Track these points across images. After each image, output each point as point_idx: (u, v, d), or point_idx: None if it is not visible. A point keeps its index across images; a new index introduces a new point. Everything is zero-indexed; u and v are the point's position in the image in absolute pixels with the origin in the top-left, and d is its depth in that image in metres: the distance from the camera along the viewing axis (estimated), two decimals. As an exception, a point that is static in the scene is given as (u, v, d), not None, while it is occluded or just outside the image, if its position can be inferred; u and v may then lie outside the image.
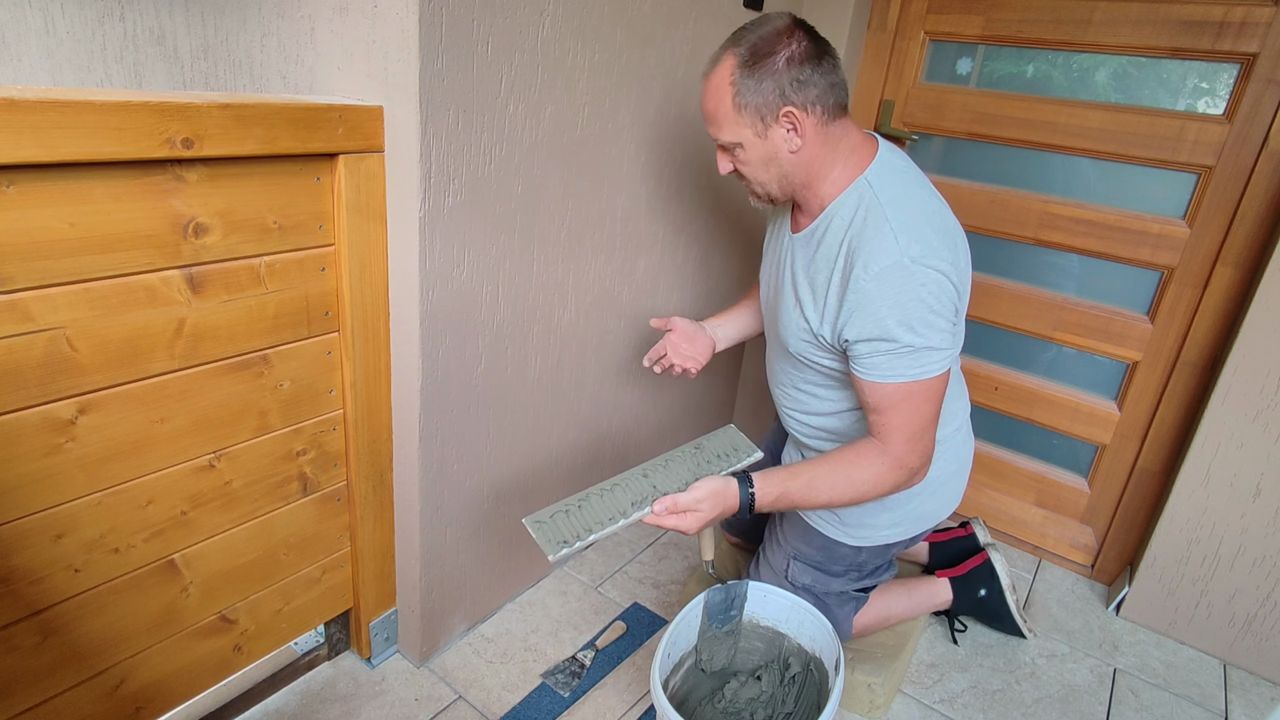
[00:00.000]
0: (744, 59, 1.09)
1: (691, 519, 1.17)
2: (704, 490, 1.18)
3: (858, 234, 1.12)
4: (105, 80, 1.54)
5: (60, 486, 0.99)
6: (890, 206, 1.11)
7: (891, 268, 1.08)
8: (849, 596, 1.49)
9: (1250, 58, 1.62)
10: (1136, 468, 1.93)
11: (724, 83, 1.11)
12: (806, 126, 1.11)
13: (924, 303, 1.08)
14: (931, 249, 1.09)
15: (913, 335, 1.09)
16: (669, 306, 1.90)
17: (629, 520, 1.18)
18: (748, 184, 1.22)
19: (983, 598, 1.69)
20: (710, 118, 1.15)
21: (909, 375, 1.12)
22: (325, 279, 1.21)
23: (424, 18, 1.08)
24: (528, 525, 1.18)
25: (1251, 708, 1.67)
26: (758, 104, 1.10)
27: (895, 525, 1.39)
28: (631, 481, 1.24)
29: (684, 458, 1.31)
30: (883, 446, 1.17)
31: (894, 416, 1.15)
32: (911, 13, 2.01)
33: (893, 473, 1.17)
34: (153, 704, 1.21)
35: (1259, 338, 1.59)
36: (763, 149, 1.14)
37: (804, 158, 1.14)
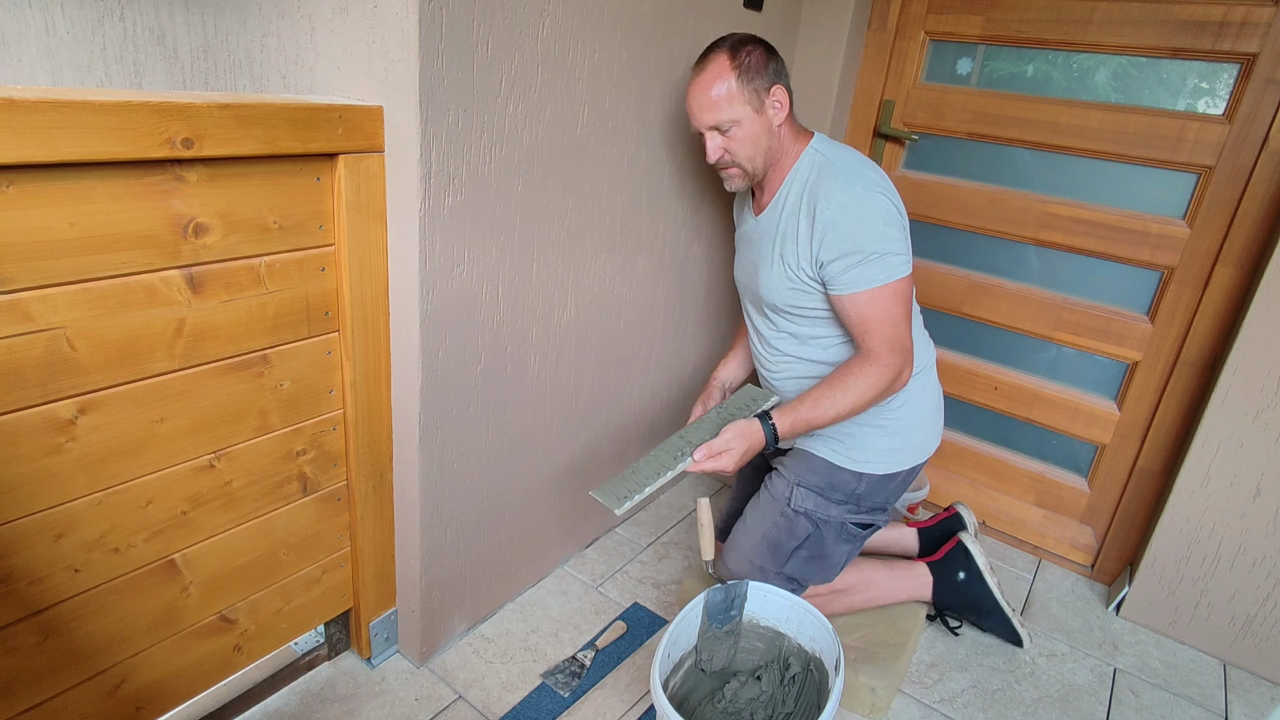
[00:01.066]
0: (735, 51, 1.33)
1: (727, 458, 1.34)
2: (732, 432, 1.35)
3: (815, 184, 1.37)
4: (105, 80, 1.54)
5: (60, 486, 0.99)
6: (836, 161, 1.38)
7: (848, 198, 1.32)
8: (846, 533, 1.52)
9: (1250, 58, 1.62)
10: (1136, 468, 1.93)
11: (724, 69, 1.33)
12: (787, 103, 1.38)
13: (879, 217, 1.32)
14: (873, 183, 1.34)
15: (875, 243, 1.31)
16: (669, 305, 1.90)
17: (675, 471, 1.34)
18: (735, 167, 1.41)
19: (963, 580, 1.70)
20: (710, 103, 1.34)
21: (878, 280, 1.32)
22: (325, 279, 1.21)
23: (424, 18, 1.08)
24: (593, 494, 1.36)
25: (1251, 708, 1.67)
26: (755, 85, 1.34)
27: (894, 452, 1.50)
28: (671, 443, 1.41)
29: (711, 416, 1.46)
30: (869, 354, 1.36)
31: (872, 322, 1.35)
32: (911, 13, 2.01)
33: (883, 373, 1.35)
34: (153, 704, 1.21)
35: (1259, 338, 1.59)
36: (758, 123, 1.36)
37: (781, 134, 1.39)
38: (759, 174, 1.42)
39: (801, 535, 1.49)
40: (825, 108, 2.06)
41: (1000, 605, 1.70)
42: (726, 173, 1.43)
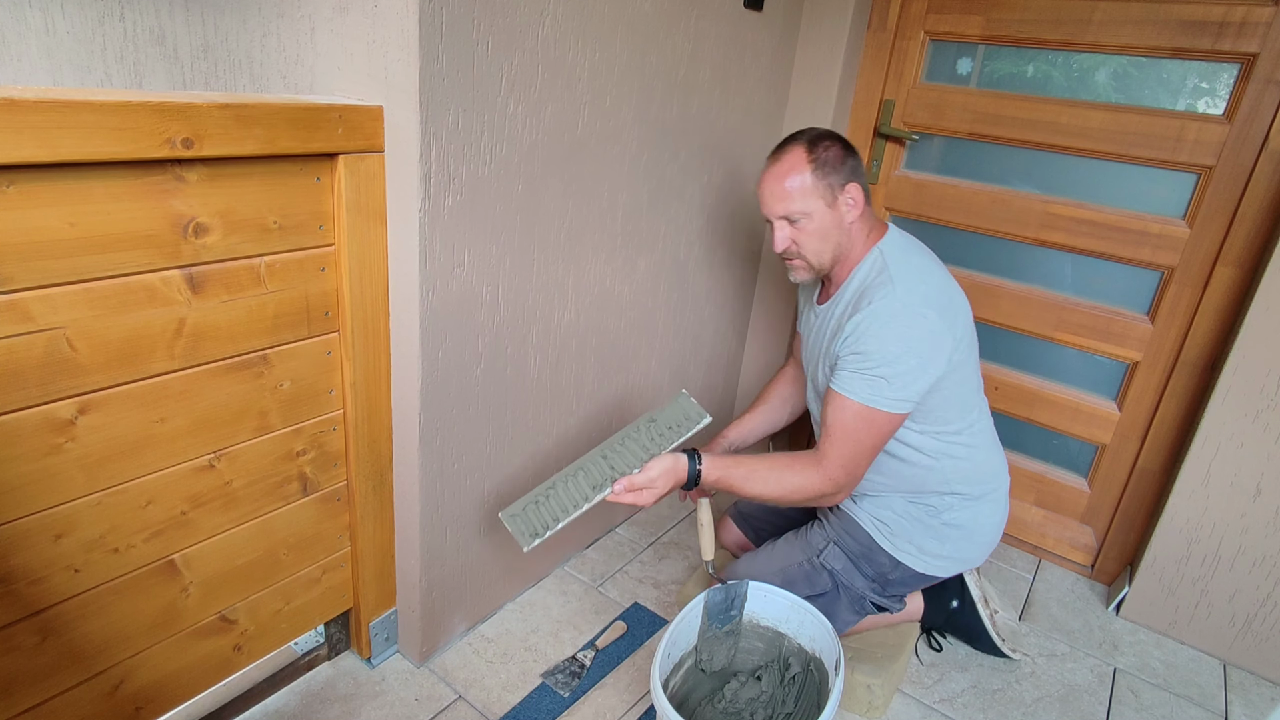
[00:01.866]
0: (812, 145, 1.33)
1: (648, 495, 1.30)
2: (657, 469, 1.30)
3: (867, 287, 1.33)
4: (105, 80, 1.54)
5: (60, 486, 0.99)
6: (894, 266, 1.33)
7: (882, 307, 1.28)
8: (860, 605, 1.51)
9: (1250, 58, 1.62)
10: (1136, 468, 1.93)
11: (801, 161, 1.32)
12: (861, 202, 1.35)
13: (902, 339, 1.27)
14: (922, 299, 1.29)
15: (880, 362, 1.26)
16: (669, 306, 1.90)
17: (592, 503, 1.27)
18: (800, 259, 1.38)
19: (955, 609, 1.69)
20: (783, 193, 1.33)
21: (862, 397, 1.28)
22: (325, 279, 1.21)
23: (424, 18, 1.08)
24: (503, 519, 1.29)
25: (1251, 708, 1.67)
26: (830, 180, 1.32)
27: (939, 559, 1.49)
28: (592, 465, 1.33)
29: (638, 434, 1.38)
30: (819, 459, 1.32)
31: (837, 431, 1.31)
32: (911, 13, 2.01)
33: (821, 483, 1.32)
34: (153, 704, 1.21)
35: (1259, 338, 1.59)
36: (829, 218, 1.34)
37: (852, 231, 1.37)
38: (825, 269, 1.39)
39: (819, 589, 1.48)
40: (825, 108, 2.06)
41: (991, 637, 1.68)
42: (792, 264, 1.41)
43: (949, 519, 1.46)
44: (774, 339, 2.34)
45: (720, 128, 1.84)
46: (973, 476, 1.45)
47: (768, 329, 2.34)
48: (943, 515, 1.46)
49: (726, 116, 1.85)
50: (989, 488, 1.48)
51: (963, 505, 1.46)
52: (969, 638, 1.71)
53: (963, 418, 1.41)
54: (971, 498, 1.46)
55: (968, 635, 1.71)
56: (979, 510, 1.48)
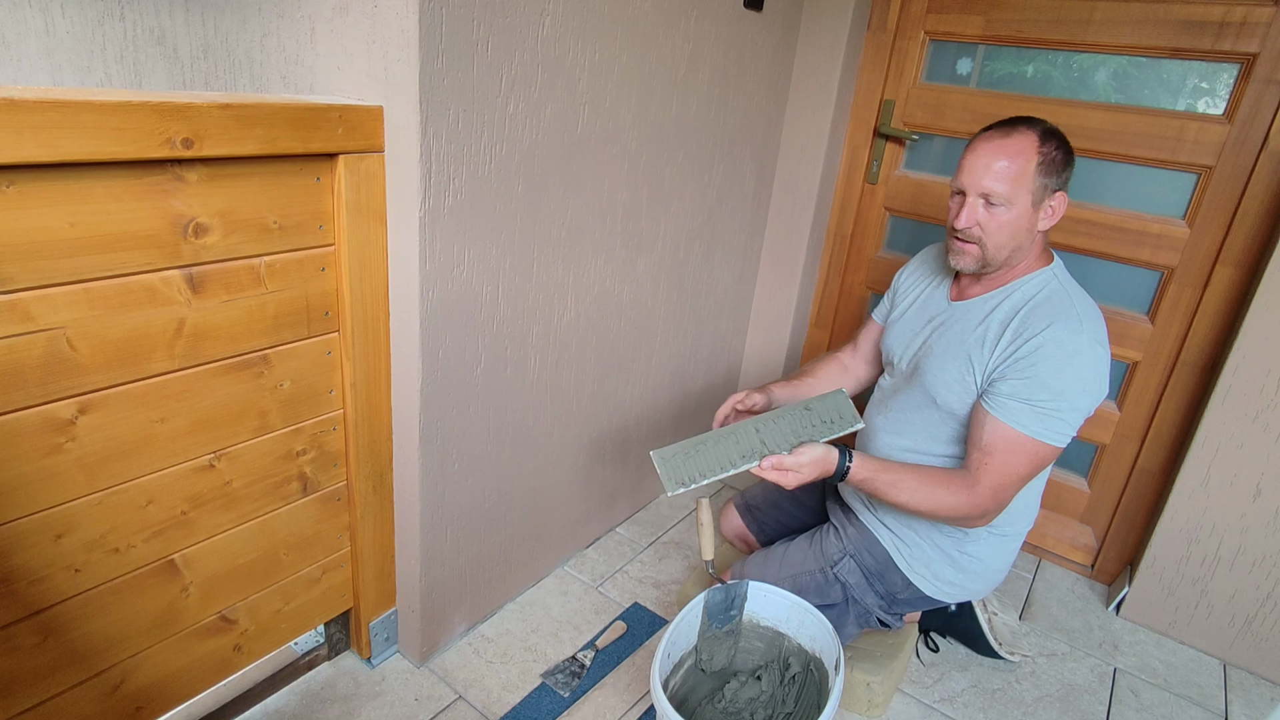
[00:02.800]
0: (1045, 137, 1.24)
1: (792, 478, 1.28)
2: (808, 456, 1.28)
3: (1039, 307, 1.27)
4: (105, 80, 1.54)
5: (60, 486, 0.99)
6: (1075, 297, 1.29)
7: (1066, 336, 1.22)
8: (866, 620, 1.51)
9: (1250, 58, 1.62)
10: (1136, 468, 1.93)
11: (1031, 147, 1.24)
12: (1060, 214, 1.29)
13: (1081, 377, 1.22)
14: (1100, 338, 1.25)
15: (1057, 397, 1.22)
16: (669, 306, 1.90)
17: (738, 470, 1.30)
18: (977, 245, 1.29)
19: (954, 613, 1.69)
20: (998, 171, 1.24)
21: (1031, 430, 1.24)
22: (325, 279, 1.21)
23: (424, 18, 1.08)
24: (654, 458, 1.30)
25: (1251, 708, 1.67)
26: (1047, 180, 1.25)
27: (951, 586, 1.47)
28: (744, 434, 1.33)
29: (793, 417, 1.37)
30: (972, 483, 1.27)
31: (995, 460, 1.26)
32: (911, 13, 2.01)
33: (968, 508, 1.28)
34: (153, 704, 1.21)
35: (1259, 338, 1.59)
36: (1026, 217, 1.26)
37: (1037, 240, 1.31)
38: (993, 266, 1.31)
39: (829, 600, 1.47)
40: (825, 108, 2.06)
41: (989, 641, 1.68)
42: (964, 247, 1.30)
43: (971, 549, 1.44)
44: (773, 339, 2.34)
45: (720, 128, 1.84)
46: (1016, 513, 1.43)
47: (767, 329, 2.34)
48: (967, 545, 1.44)
49: (726, 117, 1.85)
50: (1020, 528, 1.46)
51: (989, 539, 1.44)
52: (967, 641, 1.71)
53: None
54: (1002, 534, 1.44)
55: (966, 638, 1.71)
56: (1002, 546, 1.46)
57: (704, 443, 1.32)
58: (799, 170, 2.15)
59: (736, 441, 1.32)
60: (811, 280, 2.32)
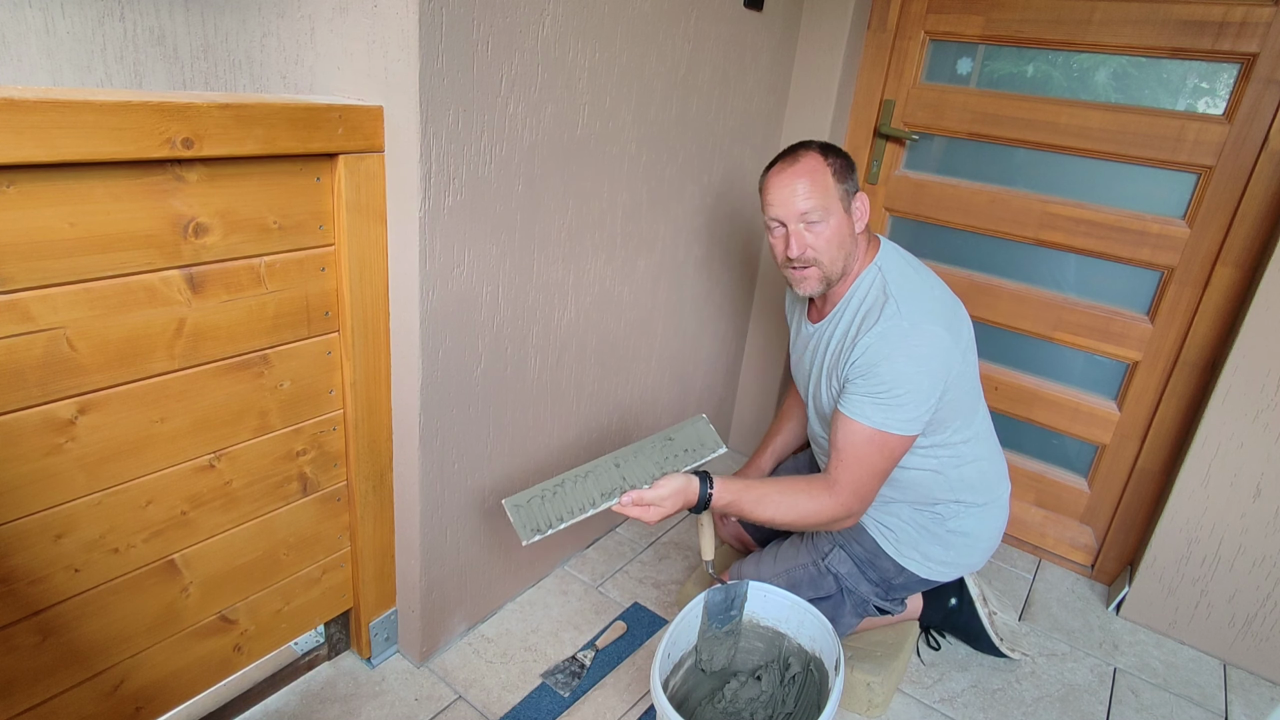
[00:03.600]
0: (825, 151, 1.31)
1: (654, 512, 1.28)
2: (667, 489, 1.28)
3: (870, 308, 1.32)
4: (105, 80, 1.54)
5: (60, 486, 0.99)
6: (894, 284, 1.32)
7: (891, 327, 1.26)
8: (863, 609, 1.52)
9: (1250, 58, 1.62)
10: (1136, 468, 1.93)
11: (819, 163, 1.30)
12: (867, 212, 1.35)
13: (913, 358, 1.25)
14: (928, 315, 1.28)
15: (890, 383, 1.26)
16: (669, 306, 1.90)
17: (597, 510, 1.27)
18: (815, 266, 1.33)
19: (953, 608, 1.69)
20: (805, 191, 1.29)
21: (874, 421, 1.27)
22: (325, 279, 1.21)
23: (424, 18, 1.08)
24: (506, 507, 1.27)
25: (1251, 708, 1.67)
26: (846, 186, 1.32)
27: (943, 564, 1.49)
28: (603, 471, 1.32)
29: (654, 449, 1.37)
30: (831, 485, 1.31)
31: (849, 456, 1.30)
32: (911, 13, 2.01)
33: (833, 510, 1.30)
34: (153, 704, 1.21)
35: (1259, 338, 1.59)
36: (845, 224, 1.32)
37: (856, 240, 1.35)
38: (835, 278, 1.35)
39: (824, 592, 1.49)
40: (825, 108, 2.06)
41: (990, 636, 1.68)
42: (804, 274, 1.34)
43: (954, 526, 1.46)
44: (773, 339, 2.34)
45: (720, 128, 1.85)
46: (978, 484, 1.45)
47: (767, 329, 2.34)
48: (948, 523, 1.46)
49: (726, 117, 1.85)
50: (993, 495, 1.49)
51: (968, 512, 1.46)
52: (967, 637, 1.71)
53: (968, 426, 1.41)
54: (977, 505, 1.46)
55: (966, 635, 1.71)
56: (983, 517, 1.48)
57: (562, 484, 1.30)
58: (799, 170, 2.15)
59: (596, 480, 1.30)
60: (811, 280, 2.32)
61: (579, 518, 1.26)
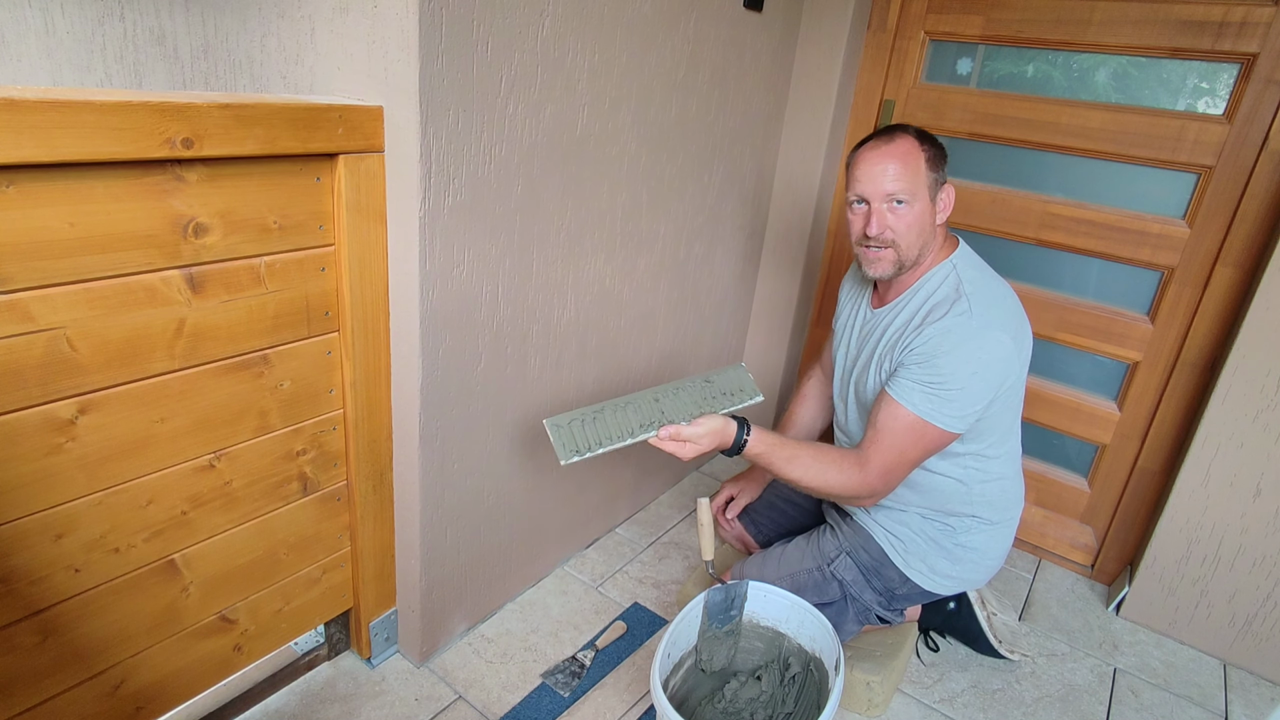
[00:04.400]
0: (921, 138, 1.31)
1: (689, 449, 1.28)
2: (705, 427, 1.28)
3: (939, 301, 1.31)
4: (105, 80, 1.54)
5: (60, 486, 0.99)
6: (969, 284, 1.31)
7: (960, 324, 1.26)
8: (865, 617, 1.52)
9: (1250, 58, 1.62)
10: (1136, 468, 1.93)
11: (915, 147, 1.30)
12: (951, 205, 1.35)
13: (973, 359, 1.25)
14: (999, 322, 1.28)
15: (946, 377, 1.25)
16: (669, 306, 1.90)
17: (635, 440, 1.27)
18: (892, 249, 1.32)
19: (952, 611, 1.69)
20: (896, 172, 1.29)
21: (920, 410, 1.26)
22: (325, 279, 1.21)
23: (424, 18, 1.08)
24: (547, 426, 1.26)
25: (1251, 708, 1.67)
26: (936, 175, 1.32)
27: (948, 578, 1.49)
28: (644, 403, 1.32)
29: (693, 388, 1.36)
30: (863, 461, 1.30)
31: (887, 439, 1.29)
32: (911, 13, 2.01)
33: (860, 484, 1.30)
34: (153, 704, 1.21)
35: (1259, 338, 1.59)
36: (928, 212, 1.32)
37: (935, 232, 1.35)
38: (908, 264, 1.34)
39: (828, 598, 1.48)
40: (825, 108, 2.06)
41: (988, 639, 1.68)
42: (879, 254, 1.33)
43: (964, 540, 1.46)
44: (773, 339, 2.34)
45: (719, 128, 1.85)
46: (997, 502, 1.45)
47: (767, 329, 2.34)
48: (959, 536, 1.45)
49: (726, 117, 1.85)
50: (1008, 515, 1.48)
51: (980, 529, 1.46)
52: (967, 639, 1.71)
53: (1003, 442, 1.40)
54: (990, 522, 1.46)
55: (965, 637, 1.71)
56: (994, 535, 1.47)
57: (601, 411, 1.29)
58: (799, 170, 2.15)
59: (636, 410, 1.29)
60: (812, 280, 2.32)
61: (617, 445, 1.25)
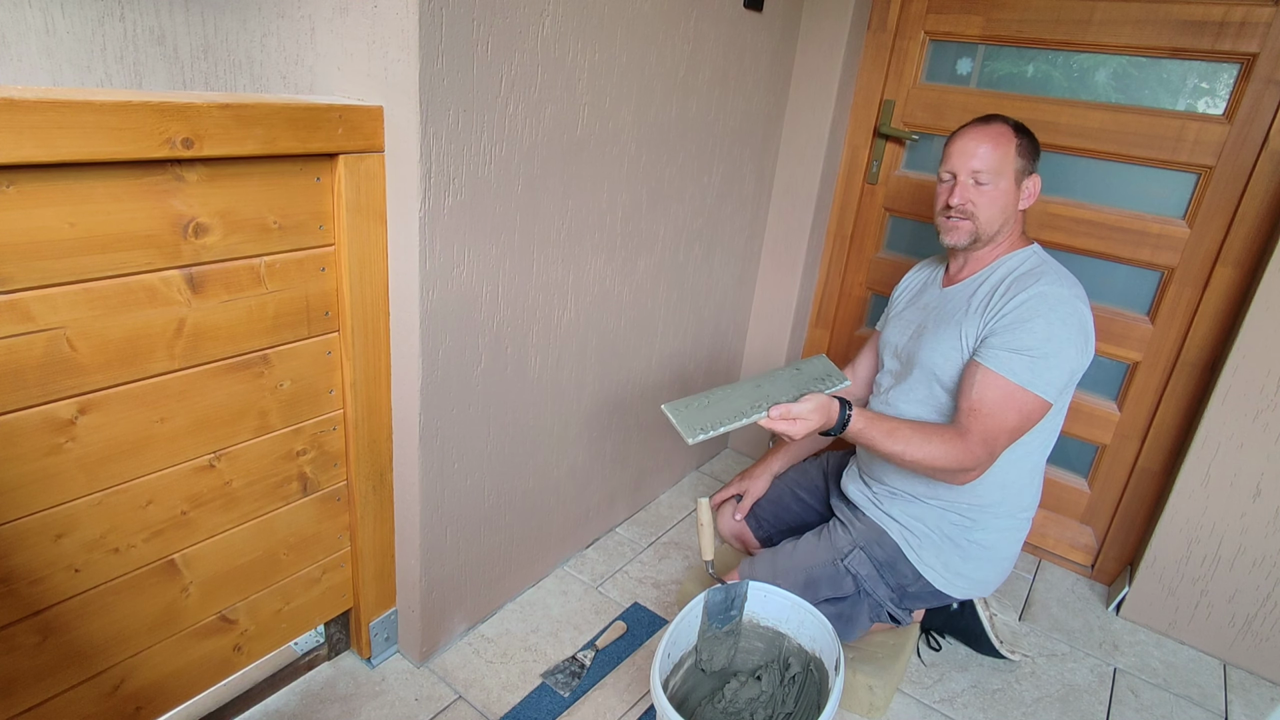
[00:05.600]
0: (1018, 129, 1.39)
1: (799, 425, 1.32)
2: (812, 404, 1.32)
3: (1024, 274, 1.37)
4: (105, 80, 1.54)
5: (60, 486, 0.99)
6: (1055, 267, 1.39)
7: (1053, 290, 1.31)
8: (877, 613, 1.51)
9: (1250, 58, 1.62)
10: (1136, 468, 1.93)
11: (1008, 134, 1.38)
12: (1036, 195, 1.42)
13: (1068, 324, 1.30)
14: (1085, 299, 1.35)
15: (1044, 345, 1.29)
16: (669, 306, 1.90)
17: (749, 420, 1.32)
18: (970, 220, 1.40)
19: (955, 611, 1.69)
20: (985, 153, 1.37)
21: (1020, 378, 1.29)
22: (325, 279, 1.21)
23: (424, 18, 1.08)
24: (666, 410, 1.33)
25: (1251, 708, 1.67)
26: (1024, 164, 1.39)
27: (960, 577, 1.49)
28: (748, 389, 1.38)
29: (787, 376, 1.43)
30: (963, 434, 1.31)
31: (985, 409, 1.31)
32: (911, 13, 2.01)
33: (958, 458, 1.31)
34: (153, 704, 1.21)
35: (1259, 338, 1.59)
36: (1011, 194, 1.39)
37: (1017, 217, 1.42)
38: (985, 238, 1.41)
39: (843, 591, 1.48)
40: (825, 108, 2.06)
41: (990, 639, 1.67)
42: (958, 224, 1.40)
43: (977, 537, 1.45)
44: (773, 339, 2.34)
45: (720, 128, 1.85)
46: (1018, 500, 1.46)
47: (767, 329, 2.34)
48: (972, 532, 1.45)
49: (726, 117, 1.85)
50: (1025, 515, 1.49)
51: (995, 525, 1.46)
52: (968, 639, 1.71)
53: (1037, 435, 1.40)
54: (1006, 516, 1.46)
55: (967, 637, 1.71)
56: (1007, 531, 1.47)
57: (711, 396, 1.36)
58: (799, 171, 2.15)
59: (744, 394, 1.36)
60: (811, 280, 2.32)
61: (735, 424, 1.31)
